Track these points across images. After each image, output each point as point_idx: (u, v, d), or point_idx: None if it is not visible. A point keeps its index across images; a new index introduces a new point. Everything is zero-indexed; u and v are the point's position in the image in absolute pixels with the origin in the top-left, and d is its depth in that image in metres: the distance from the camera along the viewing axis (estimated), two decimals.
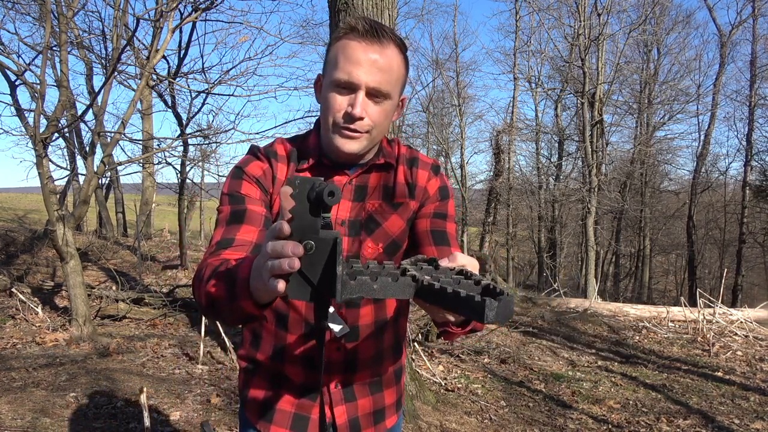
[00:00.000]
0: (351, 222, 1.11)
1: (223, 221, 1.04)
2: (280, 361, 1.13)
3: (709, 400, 4.51)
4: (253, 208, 1.04)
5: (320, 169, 1.10)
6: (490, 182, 16.15)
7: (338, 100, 1.02)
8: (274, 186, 1.09)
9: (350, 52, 1.00)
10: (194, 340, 5.22)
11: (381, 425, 1.21)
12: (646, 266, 21.98)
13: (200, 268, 0.96)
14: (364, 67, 1.00)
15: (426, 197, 1.16)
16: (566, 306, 8.84)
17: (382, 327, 1.16)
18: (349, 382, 1.15)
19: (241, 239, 1.00)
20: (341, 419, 1.14)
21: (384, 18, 3.48)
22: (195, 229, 19.53)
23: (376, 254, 1.11)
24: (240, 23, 7.31)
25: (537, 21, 19.40)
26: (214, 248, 1.00)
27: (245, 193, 1.06)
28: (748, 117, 18.01)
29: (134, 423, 3.24)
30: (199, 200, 17.19)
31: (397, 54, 1.04)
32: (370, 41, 1.00)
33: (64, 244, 4.90)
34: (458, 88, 20.11)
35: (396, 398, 1.25)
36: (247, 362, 1.19)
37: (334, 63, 1.02)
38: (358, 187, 1.12)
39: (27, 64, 5.91)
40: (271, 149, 1.12)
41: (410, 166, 1.16)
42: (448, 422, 3.71)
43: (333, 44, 1.05)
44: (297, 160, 1.11)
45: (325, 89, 1.05)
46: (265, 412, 1.15)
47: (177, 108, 8.48)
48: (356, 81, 1.00)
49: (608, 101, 17.71)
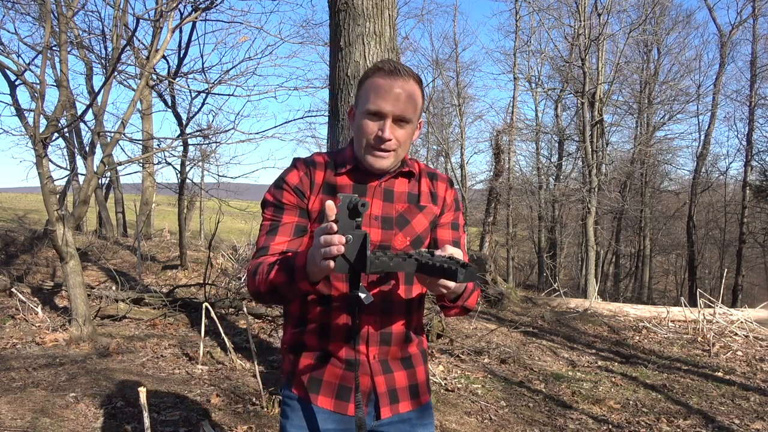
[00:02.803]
0: (383, 218, 1.36)
1: (264, 231, 1.35)
2: (325, 339, 1.34)
3: (709, 400, 4.51)
4: (286, 220, 1.34)
5: (356, 173, 1.36)
6: (490, 182, 16.12)
7: (370, 126, 1.29)
8: (312, 188, 1.35)
9: (378, 87, 1.28)
10: (194, 340, 5.22)
11: (416, 400, 1.41)
12: (646, 266, 21.97)
13: (253, 267, 1.29)
14: (390, 99, 1.27)
15: (445, 205, 1.45)
16: (566, 306, 8.83)
17: (409, 307, 1.39)
18: (385, 355, 1.37)
19: (274, 248, 1.32)
20: (381, 388, 1.35)
21: (384, 18, 3.48)
22: (195, 229, 19.52)
23: (404, 246, 1.36)
24: (240, 23, 7.33)
25: (537, 21, 19.42)
26: (257, 253, 1.33)
27: (285, 201, 1.34)
28: (748, 117, 18.02)
29: (134, 423, 3.24)
30: (199, 200, 17.18)
31: (416, 87, 1.31)
32: (395, 78, 1.27)
33: (63, 244, 4.90)
34: (458, 88, 20.12)
35: (426, 377, 1.46)
36: (294, 346, 1.39)
37: (366, 97, 1.29)
38: (386, 190, 1.38)
39: (27, 64, 5.91)
40: (309, 159, 1.39)
41: (431, 179, 1.46)
42: (448, 422, 3.71)
43: (364, 81, 1.32)
44: (334, 167, 1.37)
45: (359, 118, 1.31)
46: (312, 386, 1.35)
47: (177, 108, 8.48)
48: (384, 110, 1.27)
49: (608, 101, 17.70)
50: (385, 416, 1.35)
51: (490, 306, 8.12)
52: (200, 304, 5.10)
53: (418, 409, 1.41)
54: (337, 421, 1.33)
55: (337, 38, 3.54)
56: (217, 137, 8.19)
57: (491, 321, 7.27)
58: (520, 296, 9.59)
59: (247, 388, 4.04)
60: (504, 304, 8.28)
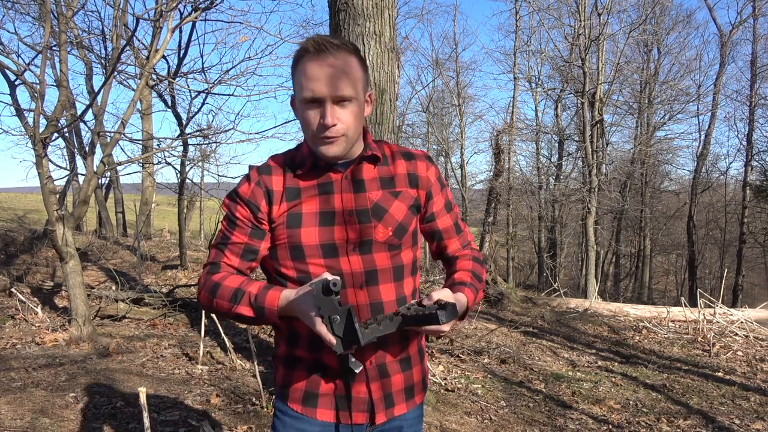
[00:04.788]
0: (357, 211, 1.26)
1: (217, 240, 1.31)
2: (317, 351, 1.28)
3: (709, 400, 4.51)
4: (236, 239, 1.27)
5: (316, 170, 1.27)
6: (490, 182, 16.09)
7: (311, 115, 1.19)
8: (270, 197, 1.26)
9: (308, 71, 1.16)
10: (194, 340, 5.22)
11: (411, 401, 1.38)
12: (647, 266, 21.98)
13: (208, 284, 1.25)
14: (323, 80, 1.15)
15: (430, 185, 1.35)
16: (566, 306, 8.83)
17: (402, 304, 1.31)
18: (382, 359, 1.31)
19: (225, 267, 1.28)
20: (377, 394, 1.31)
21: (384, 18, 3.48)
22: (195, 229, 19.53)
23: (386, 237, 1.27)
24: (240, 23, 7.30)
25: (537, 21, 19.41)
26: (210, 266, 1.29)
27: (237, 215, 1.27)
28: (748, 117, 18.02)
29: (134, 423, 3.24)
30: (198, 200, 17.19)
31: (350, 58, 1.19)
32: (323, 56, 1.15)
33: (63, 244, 4.89)
34: (458, 88, 20.13)
35: (422, 377, 1.41)
36: (287, 359, 1.35)
37: (299, 84, 1.18)
38: (355, 180, 1.28)
39: (27, 64, 5.91)
40: (264, 166, 1.30)
41: (408, 159, 1.35)
42: (448, 422, 3.70)
43: (294, 69, 1.21)
44: (293, 168, 1.28)
45: (299, 109, 1.22)
46: (309, 399, 1.30)
47: (177, 108, 8.47)
48: (320, 95, 1.16)
49: (608, 101, 17.70)
50: (380, 421, 1.32)
51: (490, 306, 8.12)
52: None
53: (413, 410, 1.40)
54: None
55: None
56: (217, 137, 8.18)
57: (491, 321, 7.27)
58: (520, 296, 9.59)
59: (247, 388, 4.04)
60: (504, 304, 8.28)
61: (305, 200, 1.25)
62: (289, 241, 1.25)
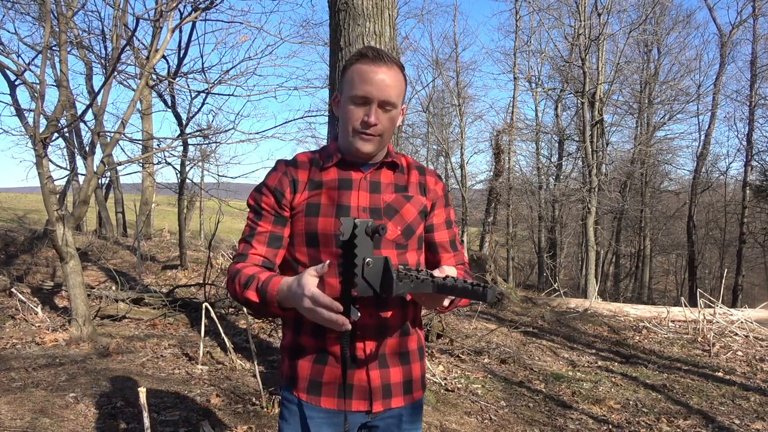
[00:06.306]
0: (371, 209, 1.38)
1: (244, 235, 1.41)
2: (321, 338, 1.36)
3: (709, 400, 4.51)
4: (262, 228, 1.38)
5: (341, 167, 1.39)
6: (490, 182, 16.12)
7: (356, 112, 1.32)
8: (295, 186, 1.37)
9: (363, 73, 1.30)
10: (194, 340, 5.22)
11: (409, 396, 1.43)
12: (647, 266, 21.97)
13: (232, 273, 1.34)
14: (375, 84, 1.30)
15: (437, 197, 1.48)
16: (566, 306, 8.83)
17: (404, 299, 1.39)
18: (382, 350, 1.38)
19: (252, 257, 1.37)
20: (375, 383, 1.37)
21: (384, 18, 3.48)
22: (195, 229, 19.52)
23: (395, 235, 1.38)
24: (240, 23, 7.29)
25: (537, 21, 19.41)
26: (236, 258, 1.39)
27: (263, 205, 1.39)
28: (748, 117, 18.00)
29: (134, 423, 3.24)
30: (198, 200, 17.19)
31: (399, 73, 1.34)
32: (379, 64, 1.30)
33: (63, 244, 4.89)
34: (458, 88, 20.10)
35: (421, 374, 1.47)
36: (293, 349, 1.41)
37: (351, 83, 1.32)
38: (372, 182, 1.40)
39: (27, 64, 5.90)
40: (292, 160, 1.43)
41: (420, 172, 1.49)
42: (448, 422, 3.70)
43: (348, 68, 1.34)
44: (318, 163, 1.40)
45: (344, 104, 1.35)
46: (314, 388, 1.37)
47: (177, 108, 8.47)
48: (370, 96, 1.30)
49: (608, 101, 17.70)
50: (376, 410, 1.37)
51: (490, 306, 8.12)
52: (200, 304, 5.10)
53: (410, 405, 1.44)
54: (333, 426, 1.37)
55: (337, 38, 3.54)
56: (217, 137, 8.18)
57: (491, 321, 7.27)
58: (520, 296, 9.59)
59: (247, 388, 4.04)
60: (504, 304, 8.28)
61: (325, 192, 1.37)
62: (306, 228, 1.36)
